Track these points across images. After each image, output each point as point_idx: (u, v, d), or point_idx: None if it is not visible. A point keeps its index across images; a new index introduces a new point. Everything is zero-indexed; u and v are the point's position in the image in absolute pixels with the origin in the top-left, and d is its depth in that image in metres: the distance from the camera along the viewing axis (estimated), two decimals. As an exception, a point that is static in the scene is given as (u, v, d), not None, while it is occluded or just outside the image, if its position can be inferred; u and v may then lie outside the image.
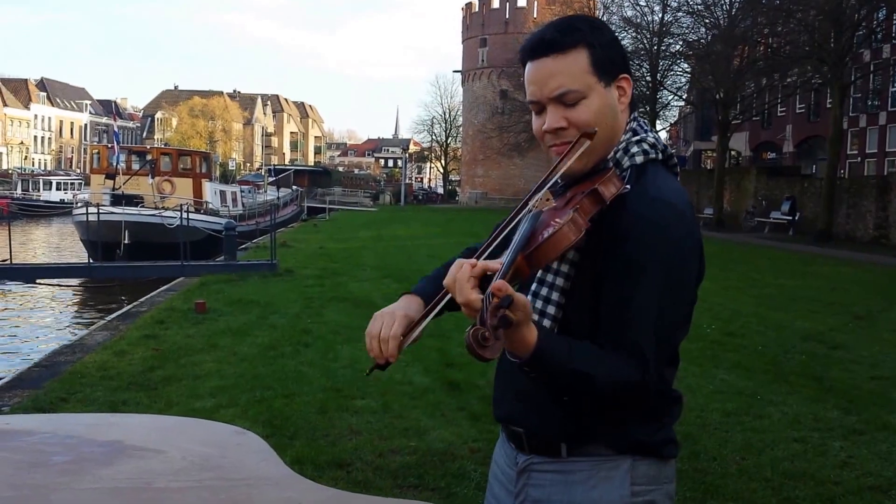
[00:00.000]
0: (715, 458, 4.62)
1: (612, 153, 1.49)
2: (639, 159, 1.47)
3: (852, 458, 4.71)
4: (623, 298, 1.38)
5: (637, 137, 1.50)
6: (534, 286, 1.47)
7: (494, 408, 1.65)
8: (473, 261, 1.29)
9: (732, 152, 43.69)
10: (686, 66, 35.93)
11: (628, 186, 1.41)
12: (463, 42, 65.69)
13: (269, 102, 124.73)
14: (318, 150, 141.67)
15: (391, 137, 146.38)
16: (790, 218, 29.10)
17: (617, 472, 1.46)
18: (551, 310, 1.44)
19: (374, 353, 1.46)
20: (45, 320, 14.38)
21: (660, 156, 1.50)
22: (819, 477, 4.37)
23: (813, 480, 4.32)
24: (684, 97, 38.64)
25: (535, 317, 1.43)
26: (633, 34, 35.55)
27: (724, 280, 13.62)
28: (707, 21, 31.93)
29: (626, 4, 35.92)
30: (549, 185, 1.42)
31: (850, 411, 5.70)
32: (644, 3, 34.92)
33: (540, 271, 1.45)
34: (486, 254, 1.41)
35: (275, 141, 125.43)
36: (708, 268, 1.54)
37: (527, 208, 1.41)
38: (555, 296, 1.44)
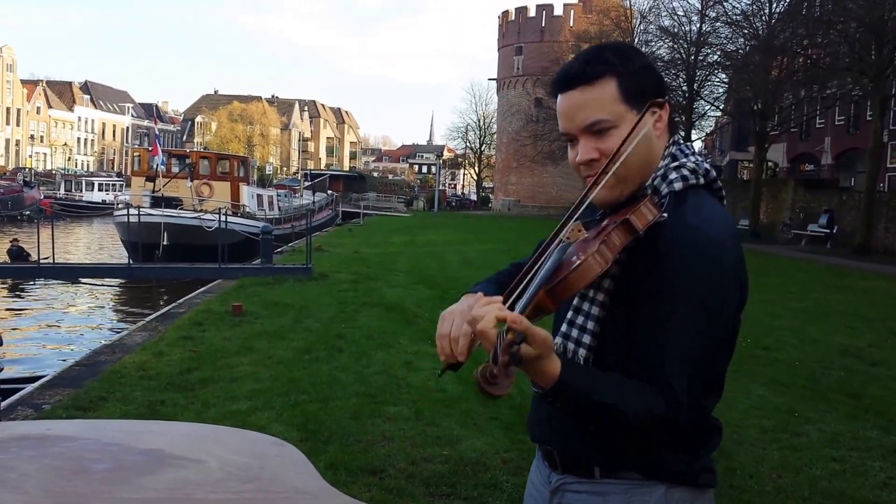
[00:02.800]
0: (751, 476, 4.55)
1: (651, 180, 1.44)
2: (677, 186, 1.42)
3: (892, 479, 4.62)
4: (654, 331, 1.35)
5: (676, 163, 1.45)
6: (569, 314, 1.45)
7: (529, 427, 1.65)
8: (497, 298, 1.28)
9: (770, 163, 43.07)
10: (723, 76, 35.58)
11: (665, 215, 1.36)
12: (499, 50, 65.65)
13: (306, 108, 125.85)
14: (353, 156, 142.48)
15: (425, 144, 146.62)
16: (828, 231, 28.61)
17: (651, 497, 1.43)
18: (586, 339, 1.42)
19: (445, 354, 1.38)
20: (86, 320, 14.63)
21: (701, 180, 1.44)
22: (858, 497, 4.29)
23: (852, 501, 4.25)
24: (721, 107, 38.24)
25: (571, 345, 1.43)
26: (670, 44, 35.36)
27: (760, 293, 13.41)
28: (746, 31, 31.58)
29: (663, 14, 35.75)
30: (576, 217, 1.39)
31: (889, 430, 5.58)
32: (682, 13, 34.76)
33: (576, 299, 1.44)
34: (522, 285, 1.37)
35: (311, 146, 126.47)
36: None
37: (557, 240, 1.38)
38: (590, 325, 1.42)
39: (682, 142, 1.50)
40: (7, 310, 15.60)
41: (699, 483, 1.45)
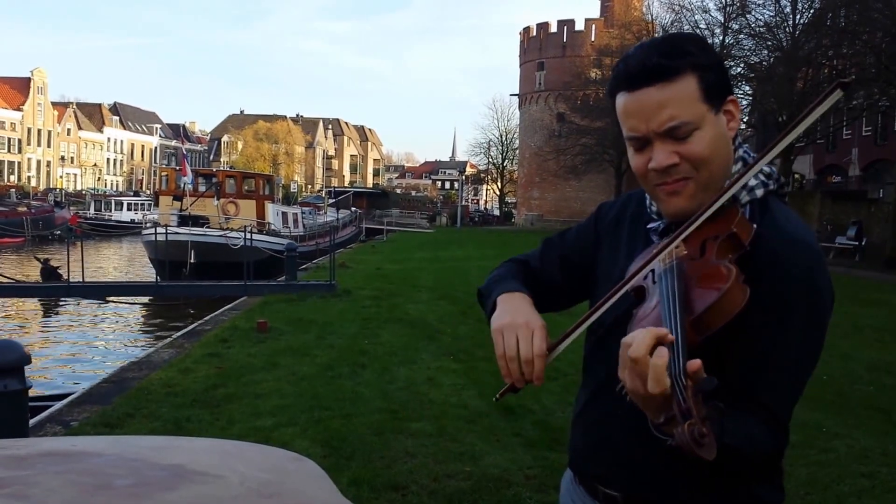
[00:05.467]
0: (777, 492, 4.48)
1: None
2: (759, 193, 1.32)
3: (923, 495, 4.53)
4: (762, 357, 1.22)
5: None
6: None
7: (577, 462, 1.50)
8: (661, 332, 1.09)
9: (796, 175, 42.65)
10: (747, 88, 35.34)
11: (755, 226, 1.25)
12: (520, 66, 65.80)
13: (330, 126, 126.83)
14: (376, 173, 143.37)
15: (448, 160, 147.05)
16: (856, 243, 28.22)
17: None
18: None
19: (513, 377, 1.26)
20: (114, 337, 14.80)
21: (774, 185, 1.34)
22: (887, 514, 4.22)
23: (881, 518, 4.17)
24: (745, 119, 37.96)
25: None
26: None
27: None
28: (769, 43, 31.40)
29: (685, 27, 35.59)
30: (683, 236, 1.26)
31: (920, 446, 5.48)
32: (704, 26, 34.58)
33: None
34: (608, 305, 1.28)
35: (335, 164, 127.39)
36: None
37: (658, 259, 1.26)
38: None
39: (744, 144, 1.38)
40: (37, 328, 15.83)
41: None
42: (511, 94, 71.25)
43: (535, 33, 63.62)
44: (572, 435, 1.53)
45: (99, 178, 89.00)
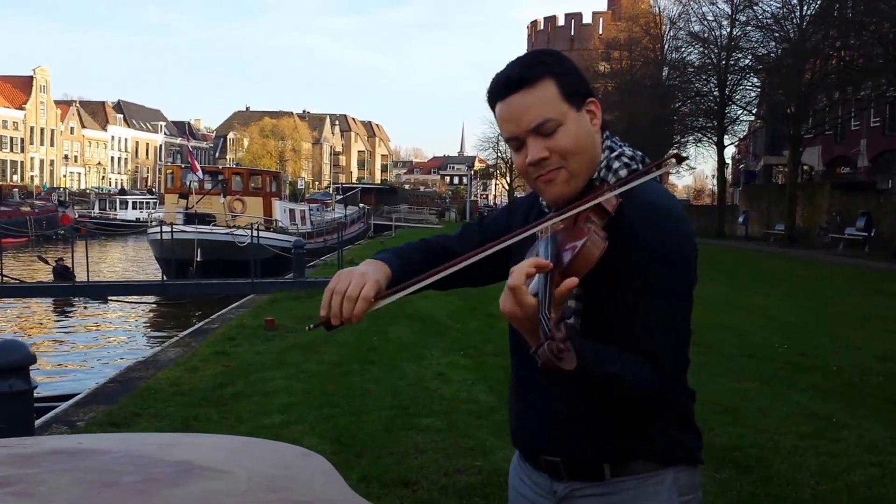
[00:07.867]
0: (788, 483, 4.47)
1: (596, 174, 1.51)
2: (622, 173, 1.50)
3: (935, 486, 4.50)
4: (634, 311, 1.40)
5: (615, 153, 1.52)
6: None
7: (517, 438, 1.64)
8: (539, 261, 1.28)
9: (805, 167, 42.46)
10: (756, 80, 35.23)
11: (620, 199, 1.44)
12: (527, 59, 65.76)
13: (337, 122, 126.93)
14: (384, 169, 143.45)
15: (456, 155, 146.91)
16: (865, 234, 28.08)
17: (663, 485, 1.48)
18: (572, 303, 1.42)
19: (332, 311, 1.48)
20: (121, 336, 14.85)
21: (640, 166, 1.52)
22: (900, 506, 4.19)
23: (893, 509, 4.15)
24: (754, 111, 37.83)
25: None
26: (701, 49, 35.17)
27: (797, 298, 13.20)
28: (777, 35, 31.28)
29: (693, 20, 35.60)
30: (565, 216, 1.43)
31: (932, 437, 5.44)
32: (712, 18, 34.59)
33: None
34: (461, 265, 1.47)
35: (343, 160, 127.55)
36: (779, 286, 1.51)
37: (534, 232, 1.44)
38: (572, 303, 1.41)
39: (613, 137, 1.58)
40: (42, 327, 15.90)
41: (698, 458, 1.54)
42: (517, 89, 71.00)
43: (542, 27, 63.66)
44: (510, 415, 1.67)
45: (103, 177, 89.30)
